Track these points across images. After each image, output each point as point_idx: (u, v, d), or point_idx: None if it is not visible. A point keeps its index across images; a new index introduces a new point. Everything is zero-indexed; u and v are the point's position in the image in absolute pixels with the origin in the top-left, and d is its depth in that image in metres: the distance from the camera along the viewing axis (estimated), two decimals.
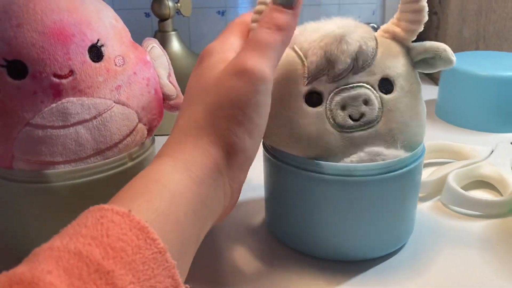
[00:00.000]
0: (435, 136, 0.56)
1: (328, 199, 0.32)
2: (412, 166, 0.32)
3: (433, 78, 0.76)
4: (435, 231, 0.38)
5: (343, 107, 0.31)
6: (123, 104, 0.32)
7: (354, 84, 0.31)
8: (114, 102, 0.32)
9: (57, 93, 0.30)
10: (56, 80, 0.30)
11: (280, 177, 0.34)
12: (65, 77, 0.30)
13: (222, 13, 0.81)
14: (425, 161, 0.48)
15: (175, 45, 0.63)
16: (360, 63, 0.31)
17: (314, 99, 0.31)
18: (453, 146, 0.48)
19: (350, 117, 0.31)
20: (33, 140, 0.30)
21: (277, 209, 0.36)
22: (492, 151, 0.46)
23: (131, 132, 0.33)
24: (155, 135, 0.38)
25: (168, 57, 0.37)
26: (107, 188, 0.32)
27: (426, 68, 0.33)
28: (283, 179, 0.34)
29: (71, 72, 0.30)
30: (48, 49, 0.29)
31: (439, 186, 0.42)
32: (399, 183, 0.32)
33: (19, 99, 0.29)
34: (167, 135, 0.55)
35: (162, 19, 0.62)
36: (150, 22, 0.79)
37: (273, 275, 0.33)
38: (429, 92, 0.69)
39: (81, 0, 0.32)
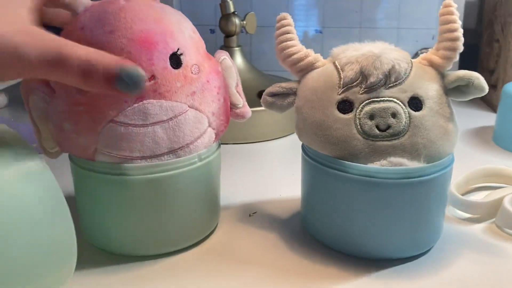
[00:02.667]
0: (491, 161, 0.56)
1: (351, 198, 0.35)
2: (432, 176, 0.34)
3: (491, 105, 0.76)
4: (482, 250, 0.38)
5: (371, 117, 0.33)
6: (196, 109, 0.35)
7: (385, 98, 0.34)
8: (189, 106, 0.34)
9: (140, 94, 0.33)
10: None
11: (311, 174, 0.37)
12: (148, 80, 0.32)
13: None
14: (479, 185, 0.48)
15: (238, 60, 0.66)
16: (392, 79, 0.34)
17: (345, 107, 0.34)
18: (508, 171, 0.48)
19: (377, 127, 0.33)
20: (115, 136, 0.33)
21: (308, 204, 0.39)
22: None
23: (201, 135, 0.35)
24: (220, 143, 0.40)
25: (236, 69, 0.40)
26: (177, 183, 0.35)
27: (459, 95, 0.36)
28: (313, 176, 0.37)
29: (153, 76, 0.33)
30: (134, 54, 0.32)
31: (493, 209, 0.42)
32: (418, 190, 0.34)
33: (106, 98, 0.32)
34: (230, 143, 0.60)
35: (228, 35, 0.65)
36: (215, 38, 0.82)
37: (298, 264, 0.36)
38: (487, 119, 0.69)
39: (165, 11, 0.35)
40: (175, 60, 0.34)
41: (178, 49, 0.34)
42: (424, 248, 0.37)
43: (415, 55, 0.83)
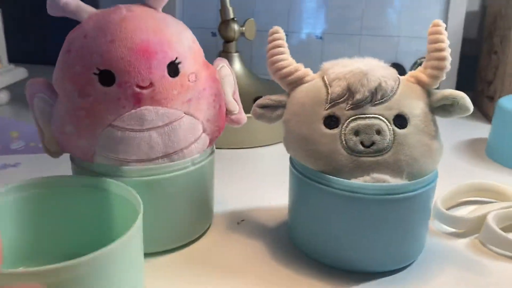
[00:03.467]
0: (482, 175, 0.57)
1: (334, 212, 0.36)
2: (414, 193, 0.35)
3: (487, 117, 0.77)
4: (462, 264, 0.40)
5: (356, 133, 0.34)
6: (192, 115, 0.37)
7: (370, 115, 0.35)
8: (184, 113, 0.36)
9: (138, 101, 0.34)
10: (138, 90, 0.34)
11: (297, 186, 0.39)
12: (146, 88, 0.34)
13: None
14: (467, 199, 0.50)
15: (237, 65, 0.68)
16: (378, 97, 0.35)
17: (331, 122, 0.35)
18: (496, 187, 0.50)
19: (362, 143, 0.34)
20: (113, 139, 0.35)
21: (294, 215, 0.40)
22: None
23: (195, 140, 0.38)
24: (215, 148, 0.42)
25: (235, 77, 0.42)
26: (170, 187, 0.37)
27: (444, 114, 0.37)
28: (299, 188, 0.38)
29: (151, 84, 0.35)
30: (134, 63, 0.34)
31: (479, 224, 0.44)
32: (399, 206, 0.35)
33: (105, 103, 0.34)
34: (225, 148, 0.61)
35: (227, 40, 0.67)
36: (216, 41, 0.84)
37: (280, 275, 0.37)
38: (483, 130, 0.71)
39: (165, 22, 0.37)
40: (173, 69, 0.36)
41: (176, 58, 0.36)
42: (405, 263, 0.39)
43: (415, 64, 0.85)
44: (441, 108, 0.37)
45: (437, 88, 0.38)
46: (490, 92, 0.79)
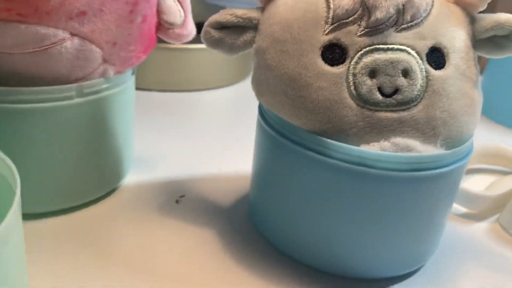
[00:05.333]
0: (478, 134, 0.49)
1: (330, 193, 0.26)
2: (452, 167, 0.26)
3: None
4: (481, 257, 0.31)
5: (373, 74, 0.25)
6: (85, 38, 0.26)
7: (395, 46, 0.25)
8: (71, 34, 0.25)
9: None
10: None
11: (271, 151, 0.28)
12: None
13: None
14: (474, 166, 0.42)
15: None
16: (407, 18, 0.25)
17: (334, 54, 0.25)
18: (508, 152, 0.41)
19: (380, 89, 0.25)
20: None
21: (261, 192, 0.30)
22: None
23: (86, 76, 0.27)
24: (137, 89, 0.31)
25: None
26: (48, 125, 0.27)
27: (491, 50, 0.27)
28: (273, 155, 0.28)
29: None
30: None
31: (499, 203, 0.35)
32: (430, 187, 0.26)
33: None
34: (156, 90, 0.49)
35: None
36: None
37: (237, 278, 0.27)
38: None
39: None
40: None
41: None
42: (419, 264, 0.29)
43: None
44: (488, 41, 0.27)
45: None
46: None
